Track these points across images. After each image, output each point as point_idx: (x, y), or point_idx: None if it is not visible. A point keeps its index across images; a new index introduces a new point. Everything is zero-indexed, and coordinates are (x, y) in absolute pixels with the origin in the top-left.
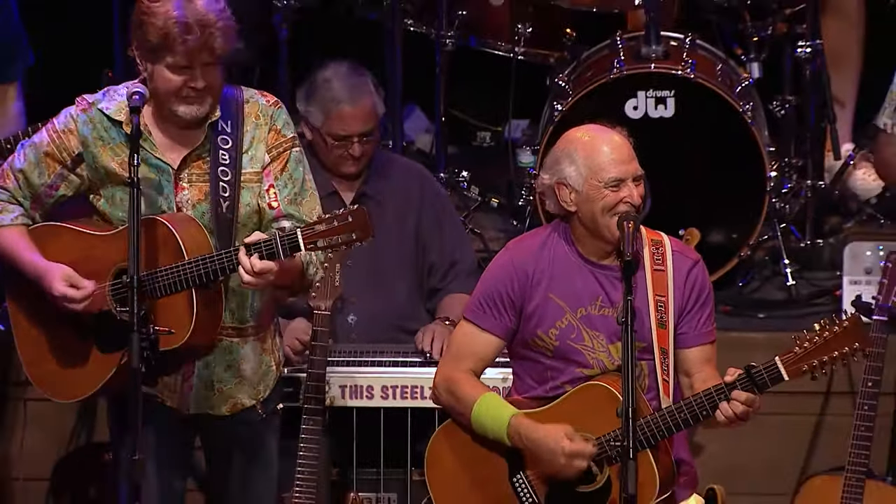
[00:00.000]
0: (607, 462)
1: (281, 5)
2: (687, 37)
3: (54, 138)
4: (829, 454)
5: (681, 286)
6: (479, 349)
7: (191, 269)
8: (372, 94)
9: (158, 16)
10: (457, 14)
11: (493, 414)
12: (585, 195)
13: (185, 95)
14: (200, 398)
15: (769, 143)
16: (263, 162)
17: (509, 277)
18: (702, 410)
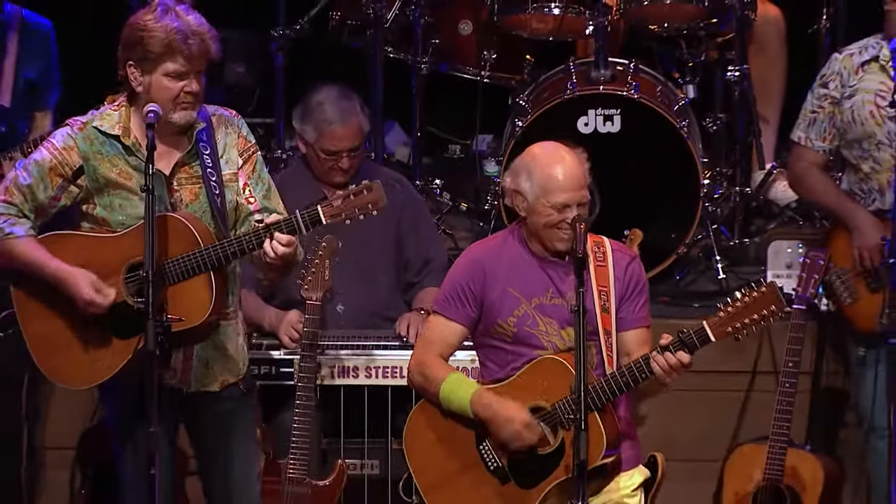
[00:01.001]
0: (560, 426)
1: (277, 35)
2: (631, 62)
3: (56, 155)
4: (755, 425)
5: (620, 278)
6: (446, 336)
7: (212, 252)
8: (359, 115)
9: (158, 29)
10: (430, 42)
11: (458, 391)
12: (534, 209)
13: (181, 101)
14: (199, 376)
15: (703, 154)
16: (238, 164)
17: (471, 274)
18: (640, 373)
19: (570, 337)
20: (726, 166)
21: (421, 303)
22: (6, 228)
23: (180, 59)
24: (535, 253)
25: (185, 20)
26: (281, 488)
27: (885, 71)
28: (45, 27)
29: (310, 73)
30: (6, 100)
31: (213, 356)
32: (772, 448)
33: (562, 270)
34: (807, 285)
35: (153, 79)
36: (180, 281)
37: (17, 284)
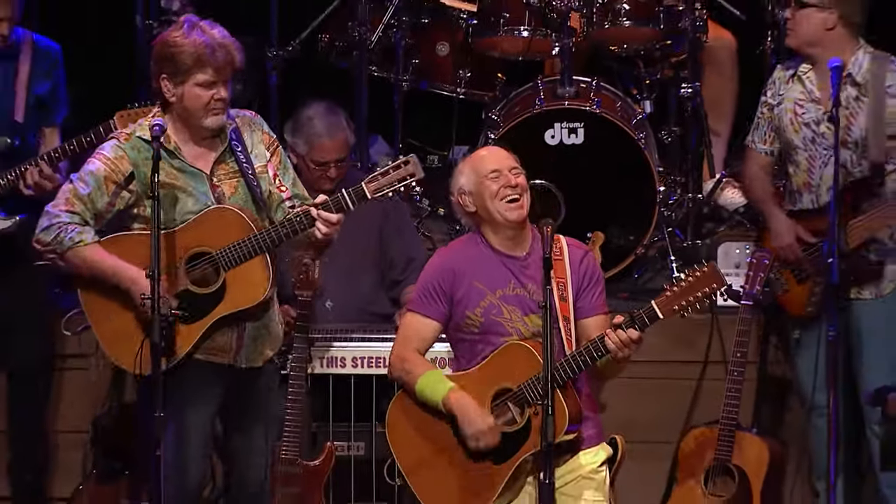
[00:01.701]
0: (526, 405)
1: (271, 56)
2: (593, 80)
3: (109, 165)
4: (707, 410)
5: (576, 270)
6: (421, 332)
7: (266, 236)
8: (345, 129)
9: (187, 44)
10: (411, 62)
11: (432, 389)
12: (477, 192)
13: (212, 108)
14: (249, 353)
15: (658, 164)
16: (266, 157)
17: (441, 274)
18: (597, 351)
19: (533, 323)
20: (680, 175)
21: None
22: (76, 237)
23: (209, 70)
24: (496, 249)
25: (210, 34)
26: (275, 469)
27: (801, 82)
28: (54, 49)
29: (301, 90)
30: (20, 115)
31: (261, 333)
32: (722, 431)
33: (520, 264)
34: (753, 282)
35: (185, 89)
36: (238, 265)
37: (83, 287)
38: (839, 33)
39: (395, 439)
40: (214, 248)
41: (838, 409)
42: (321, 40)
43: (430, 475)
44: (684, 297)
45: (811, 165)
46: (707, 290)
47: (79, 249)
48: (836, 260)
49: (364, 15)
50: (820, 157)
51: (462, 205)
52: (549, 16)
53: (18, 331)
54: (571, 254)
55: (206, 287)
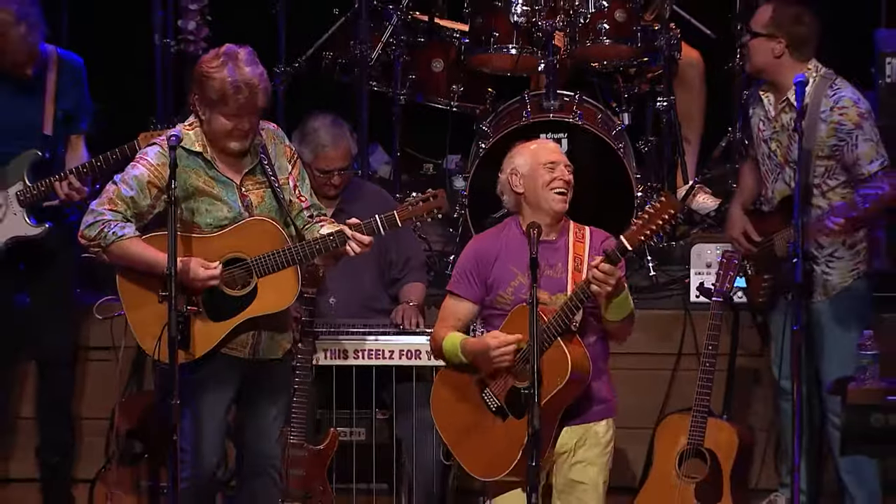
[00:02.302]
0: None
1: (279, 71)
2: (576, 94)
3: (151, 170)
4: (681, 398)
5: (595, 249)
6: (456, 312)
7: (300, 250)
8: (348, 140)
9: (217, 79)
10: (408, 77)
11: (452, 343)
12: (531, 175)
13: (234, 135)
14: (265, 346)
15: (636, 171)
16: (288, 170)
17: (475, 258)
18: (581, 293)
19: (560, 302)
20: (656, 181)
21: (408, 295)
22: (118, 231)
23: (232, 108)
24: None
25: (241, 71)
26: (283, 452)
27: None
28: (77, 63)
29: (306, 103)
30: (48, 129)
31: (277, 328)
32: (694, 417)
33: (551, 247)
34: (724, 281)
35: (211, 115)
36: (271, 273)
37: (122, 275)
38: (787, 59)
39: (439, 422)
40: (250, 255)
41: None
42: (325, 57)
43: (470, 444)
44: (647, 228)
45: (767, 178)
46: (667, 216)
47: (121, 243)
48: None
49: (364, 34)
50: (772, 172)
51: (511, 184)
52: (535, 35)
53: (46, 325)
54: (593, 238)
55: (237, 289)
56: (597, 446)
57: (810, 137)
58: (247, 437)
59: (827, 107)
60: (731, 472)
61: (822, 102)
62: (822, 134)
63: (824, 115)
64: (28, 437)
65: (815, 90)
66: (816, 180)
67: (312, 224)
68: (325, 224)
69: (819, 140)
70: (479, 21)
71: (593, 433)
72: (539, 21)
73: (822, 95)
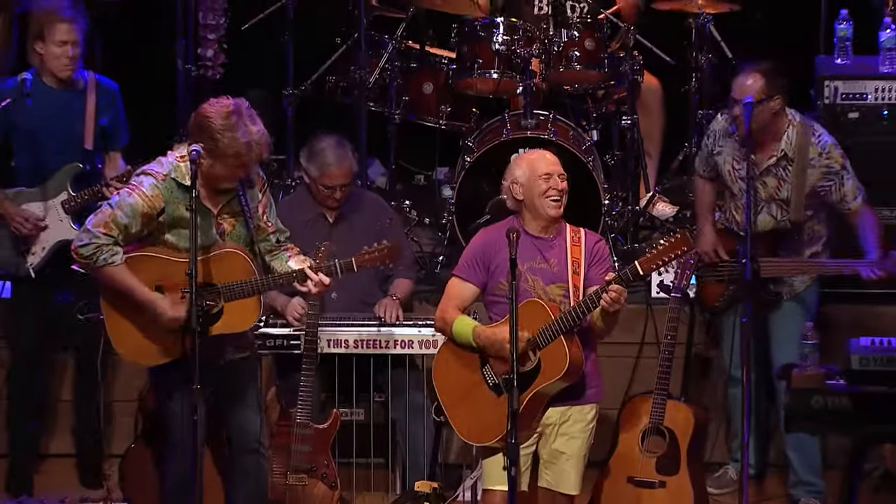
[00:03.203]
0: (538, 349)
1: (288, 94)
2: (550, 114)
3: (145, 201)
4: (643, 383)
5: (590, 250)
6: (462, 294)
7: (266, 282)
8: (351, 160)
9: (228, 139)
10: (402, 99)
11: (464, 327)
12: (528, 185)
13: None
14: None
15: (604, 182)
16: (258, 198)
17: (482, 248)
18: (591, 303)
19: (552, 291)
20: (621, 191)
21: (395, 290)
22: (108, 258)
23: (242, 161)
24: (529, 232)
25: (250, 131)
26: (291, 430)
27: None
28: (112, 86)
29: (312, 122)
30: (89, 143)
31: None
32: (655, 399)
33: (547, 244)
34: (681, 278)
35: (216, 162)
36: (237, 299)
37: (104, 291)
38: (781, 112)
39: (438, 384)
40: (220, 282)
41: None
42: (329, 81)
43: (464, 408)
44: (660, 258)
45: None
46: (679, 252)
47: (109, 269)
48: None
49: (363, 61)
50: (754, 204)
51: (512, 192)
52: (514, 61)
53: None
54: (587, 240)
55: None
56: (581, 422)
57: (800, 183)
58: (232, 423)
59: (815, 154)
60: (688, 448)
61: (810, 150)
62: (812, 178)
63: (814, 162)
64: (66, 418)
65: (798, 138)
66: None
67: (280, 252)
68: (292, 255)
69: (809, 183)
70: (464, 49)
71: (578, 410)
72: (518, 49)
73: (808, 143)
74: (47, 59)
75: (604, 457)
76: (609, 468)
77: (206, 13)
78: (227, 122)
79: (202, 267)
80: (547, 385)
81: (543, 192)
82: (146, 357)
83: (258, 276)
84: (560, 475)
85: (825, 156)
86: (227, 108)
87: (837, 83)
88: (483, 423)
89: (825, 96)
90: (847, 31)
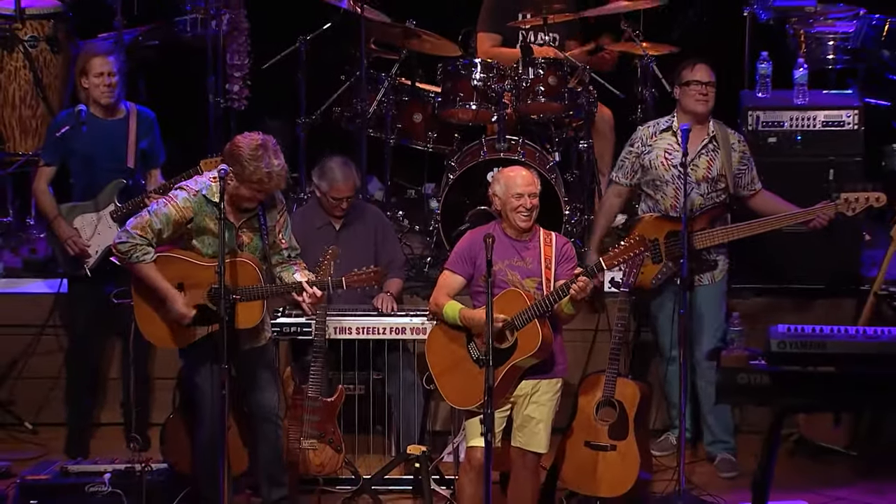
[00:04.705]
0: (515, 330)
1: (301, 122)
2: (520, 138)
3: (178, 211)
4: (598, 363)
5: (559, 250)
6: (452, 284)
7: (269, 289)
8: (355, 177)
9: (254, 167)
10: (396, 126)
11: (453, 309)
12: (504, 201)
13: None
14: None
15: (564, 195)
16: (276, 219)
17: (468, 247)
18: (562, 292)
19: (528, 284)
20: (579, 202)
21: (388, 287)
22: (141, 256)
23: (262, 187)
24: (508, 235)
25: (272, 163)
26: (303, 403)
27: (675, 135)
28: (150, 114)
29: (321, 145)
30: (131, 163)
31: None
32: (607, 377)
33: (522, 245)
34: (629, 275)
35: (242, 185)
36: (247, 301)
37: (136, 283)
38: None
39: (430, 357)
40: (235, 284)
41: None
42: (335, 112)
43: (452, 377)
44: (620, 256)
45: (677, 193)
46: (637, 251)
47: (140, 265)
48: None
49: (364, 94)
50: (685, 187)
51: (493, 202)
52: (490, 95)
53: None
54: (557, 242)
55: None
56: (549, 393)
57: (728, 163)
58: (251, 399)
59: (735, 140)
60: (635, 417)
61: (730, 137)
62: (734, 160)
63: (734, 146)
64: (114, 393)
65: (718, 127)
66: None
67: (289, 264)
68: (298, 269)
69: (733, 164)
70: (448, 85)
71: (547, 383)
72: (492, 85)
73: (726, 132)
74: (91, 89)
75: (566, 424)
76: (570, 433)
77: (233, 55)
78: (255, 153)
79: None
80: (521, 360)
81: (515, 208)
82: (163, 341)
83: (263, 284)
84: (530, 437)
85: (742, 143)
86: (256, 141)
87: (759, 113)
88: (467, 390)
89: (749, 124)
90: (767, 70)
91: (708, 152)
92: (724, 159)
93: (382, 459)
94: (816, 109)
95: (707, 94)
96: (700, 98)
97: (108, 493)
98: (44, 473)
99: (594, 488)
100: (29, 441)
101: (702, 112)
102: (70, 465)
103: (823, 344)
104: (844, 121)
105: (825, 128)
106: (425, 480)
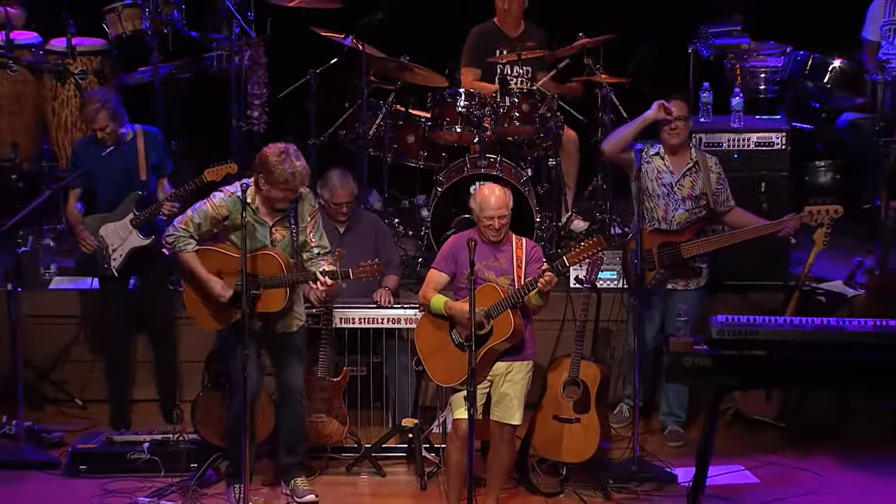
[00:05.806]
0: (491, 318)
1: (311, 143)
2: (498, 157)
3: (214, 209)
4: (565, 348)
5: (528, 252)
6: (438, 281)
7: (290, 278)
8: (352, 184)
9: (279, 170)
10: (392, 146)
11: (438, 302)
12: (477, 217)
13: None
14: (281, 325)
15: (536, 206)
16: (307, 220)
17: (452, 248)
18: (531, 286)
19: (502, 281)
20: (548, 212)
21: (387, 282)
22: (183, 245)
23: (289, 187)
24: (483, 240)
25: (295, 166)
26: (313, 383)
27: (663, 160)
28: (155, 132)
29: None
30: (143, 175)
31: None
32: (573, 360)
33: (497, 248)
34: (591, 274)
35: (271, 188)
36: (271, 288)
37: (184, 272)
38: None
39: (418, 343)
40: (260, 274)
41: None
42: (340, 134)
43: (437, 359)
44: (581, 255)
45: (667, 210)
46: (595, 250)
47: (183, 255)
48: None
49: (365, 119)
50: (671, 205)
51: (472, 213)
52: (472, 119)
53: (154, 304)
54: (527, 245)
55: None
56: (521, 373)
57: (708, 183)
58: (280, 379)
59: (712, 163)
60: (596, 394)
61: (708, 160)
62: (712, 180)
63: (712, 168)
64: (145, 373)
65: (700, 154)
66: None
67: (318, 260)
68: (325, 264)
69: (711, 183)
70: (436, 111)
71: (519, 364)
72: (474, 111)
73: (704, 156)
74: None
75: (536, 400)
76: (540, 408)
77: (253, 85)
78: (279, 158)
79: (250, 262)
80: (496, 344)
81: (486, 225)
82: (206, 322)
83: (286, 273)
84: (506, 411)
85: (717, 166)
86: (279, 148)
87: (702, 135)
88: (450, 371)
89: (692, 144)
90: (708, 98)
91: (691, 174)
92: (704, 179)
93: (381, 431)
94: (750, 132)
95: (676, 127)
96: (670, 132)
97: (146, 459)
98: (92, 443)
99: (561, 455)
100: (78, 415)
101: (674, 144)
102: (115, 436)
103: (756, 332)
104: (774, 142)
105: (758, 147)
106: (417, 449)
